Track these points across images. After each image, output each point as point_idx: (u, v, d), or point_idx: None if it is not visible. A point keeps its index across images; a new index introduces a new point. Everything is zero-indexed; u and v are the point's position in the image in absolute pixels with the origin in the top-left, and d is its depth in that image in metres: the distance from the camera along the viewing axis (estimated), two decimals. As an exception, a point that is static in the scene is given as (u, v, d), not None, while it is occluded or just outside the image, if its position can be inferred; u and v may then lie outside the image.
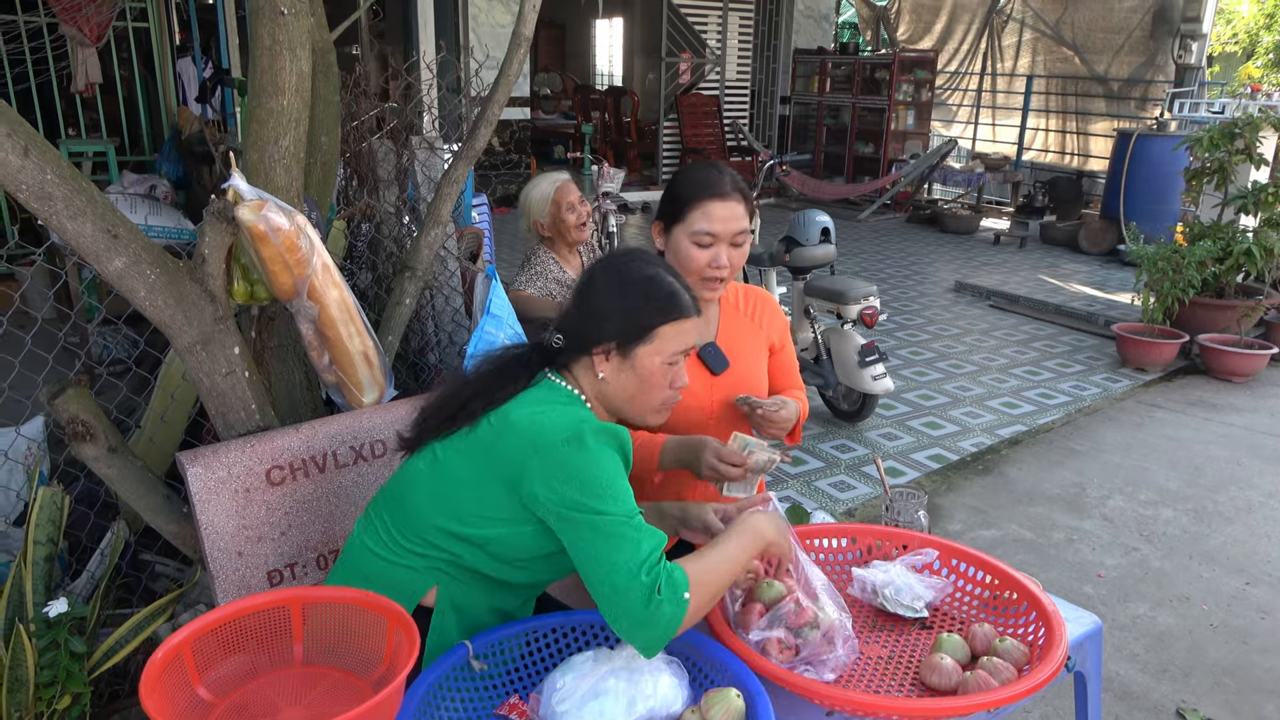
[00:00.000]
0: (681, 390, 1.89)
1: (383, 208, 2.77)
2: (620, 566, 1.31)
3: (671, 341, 1.51)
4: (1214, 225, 5.71)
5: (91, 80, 6.38)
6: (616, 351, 1.50)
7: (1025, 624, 1.60)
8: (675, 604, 1.31)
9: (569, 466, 1.35)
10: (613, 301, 1.51)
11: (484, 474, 1.43)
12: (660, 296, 1.51)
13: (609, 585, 1.31)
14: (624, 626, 1.32)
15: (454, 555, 1.46)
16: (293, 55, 1.85)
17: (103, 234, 1.65)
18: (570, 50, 16.31)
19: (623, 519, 1.35)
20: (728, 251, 1.84)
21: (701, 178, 1.85)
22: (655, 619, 1.30)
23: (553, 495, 1.35)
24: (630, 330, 1.49)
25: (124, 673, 2.18)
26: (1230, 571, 3.27)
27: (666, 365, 1.52)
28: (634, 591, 1.30)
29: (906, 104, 11.21)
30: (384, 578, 1.48)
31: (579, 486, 1.35)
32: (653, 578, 1.31)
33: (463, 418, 1.47)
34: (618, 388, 1.52)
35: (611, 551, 1.32)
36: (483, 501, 1.43)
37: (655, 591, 1.30)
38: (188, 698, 1.20)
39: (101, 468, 1.94)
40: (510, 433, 1.41)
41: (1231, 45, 11.82)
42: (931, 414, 4.77)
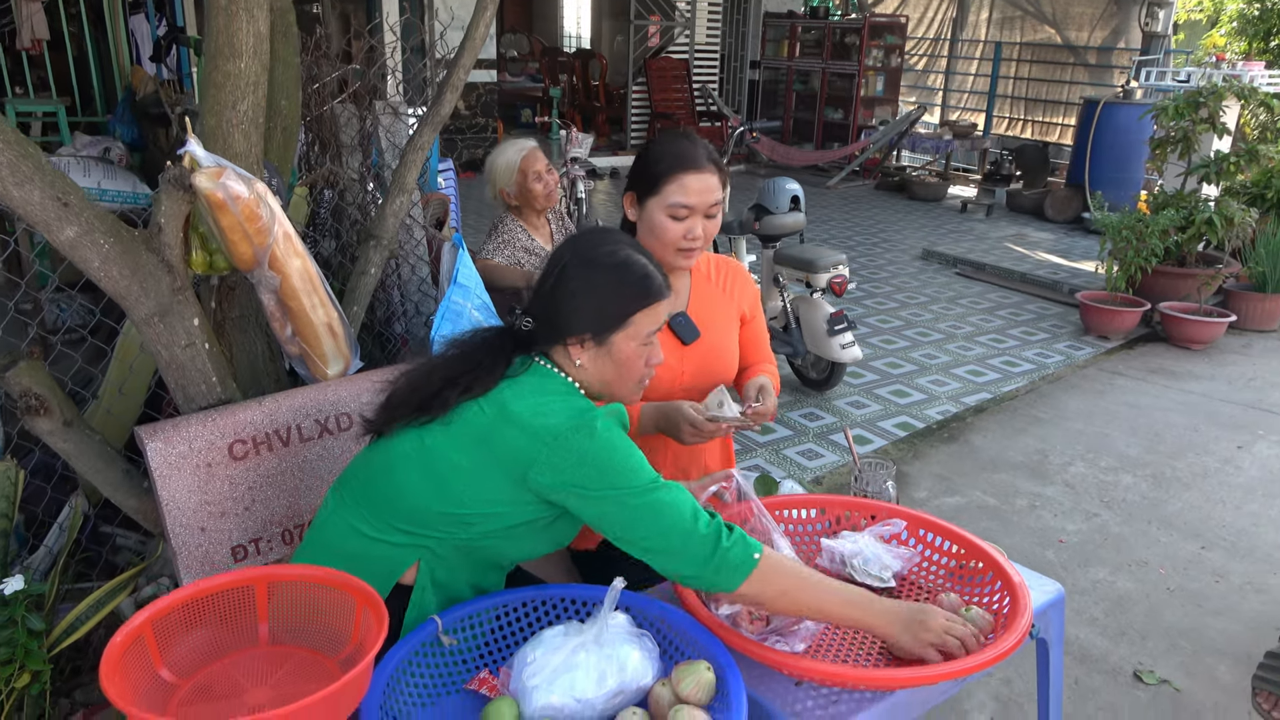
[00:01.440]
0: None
1: (346, 174, 2.71)
2: (677, 525, 1.36)
3: (646, 325, 1.51)
4: (1177, 194, 5.78)
5: (38, 36, 6.16)
6: (592, 340, 1.49)
7: (991, 593, 1.62)
8: (745, 553, 1.37)
9: (585, 456, 1.37)
10: (585, 292, 1.49)
11: (484, 463, 1.41)
12: (633, 283, 1.50)
13: (675, 543, 1.36)
14: (696, 569, 1.37)
15: (446, 534, 1.46)
16: (249, 16, 1.79)
17: (52, 201, 1.59)
18: (537, 12, 16.03)
19: (656, 488, 1.38)
20: (702, 223, 1.83)
21: (675, 149, 1.82)
22: (720, 560, 1.36)
23: (568, 481, 1.37)
24: (605, 320, 1.48)
25: (85, 648, 2.15)
26: (1187, 536, 3.35)
27: (642, 347, 1.52)
28: (705, 538, 1.36)
29: (876, 70, 11.17)
30: (363, 552, 1.46)
31: (600, 472, 1.37)
32: (713, 526, 1.38)
33: (436, 406, 1.45)
34: (596, 374, 1.52)
35: (661, 517, 1.36)
36: (481, 486, 1.42)
37: (725, 536, 1.37)
38: (149, 679, 1.18)
39: (57, 442, 1.89)
40: (510, 424, 1.40)
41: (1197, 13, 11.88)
42: (899, 382, 4.81)
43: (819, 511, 1.86)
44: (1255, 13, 10.42)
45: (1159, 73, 8.05)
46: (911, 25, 11.96)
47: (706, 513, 1.40)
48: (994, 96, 10.99)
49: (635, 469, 1.39)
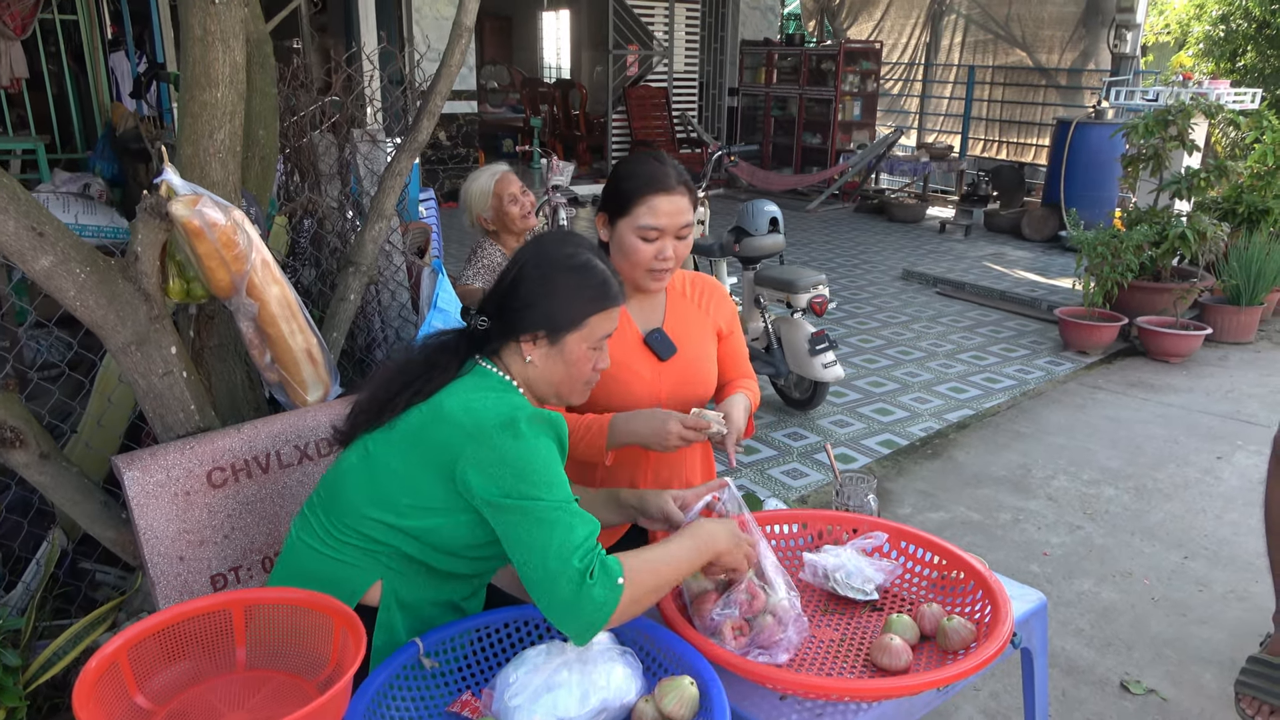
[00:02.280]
0: (629, 376, 1.89)
1: (325, 203, 2.71)
2: (553, 551, 1.30)
3: (599, 329, 1.53)
4: (1150, 210, 5.86)
5: (17, 75, 6.17)
6: (546, 338, 1.50)
7: (972, 603, 1.62)
8: (608, 589, 1.30)
9: (504, 453, 1.35)
10: (544, 290, 1.50)
11: (416, 463, 1.41)
12: (593, 285, 1.52)
13: (541, 570, 1.31)
14: (555, 612, 1.32)
15: (393, 547, 1.45)
16: (225, 46, 1.81)
17: (26, 231, 1.60)
18: (517, 43, 16.19)
19: (557, 505, 1.34)
20: (673, 244, 1.85)
21: (645, 171, 1.84)
22: (586, 603, 1.29)
23: (487, 482, 1.35)
24: (561, 319, 1.50)
25: (64, 685, 2.12)
26: (1169, 546, 3.37)
27: (592, 350, 1.53)
28: (565, 575, 1.29)
29: (853, 95, 11.32)
30: (324, 574, 1.45)
31: (514, 474, 1.34)
32: (586, 563, 1.31)
33: (389, 410, 1.46)
34: (545, 372, 1.53)
35: (544, 537, 1.31)
36: (416, 492, 1.41)
37: (588, 575, 1.30)
38: (125, 707, 1.16)
39: (33, 475, 1.87)
40: (442, 421, 1.40)
41: (1164, 35, 12.12)
42: (881, 400, 4.83)
43: (801, 526, 1.87)
44: (1221, 34, 10.66)
45: (1129, 92, 8.19)
46: (886, 51, 12.14)
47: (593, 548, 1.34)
48: (969, 119, 11.14)
49: (552, 481, 1.36)
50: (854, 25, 12.83)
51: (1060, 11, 10.50)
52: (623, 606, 1.32)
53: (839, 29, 12.87)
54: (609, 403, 1.91)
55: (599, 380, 1.89)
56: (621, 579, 1.32)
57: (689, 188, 1.86)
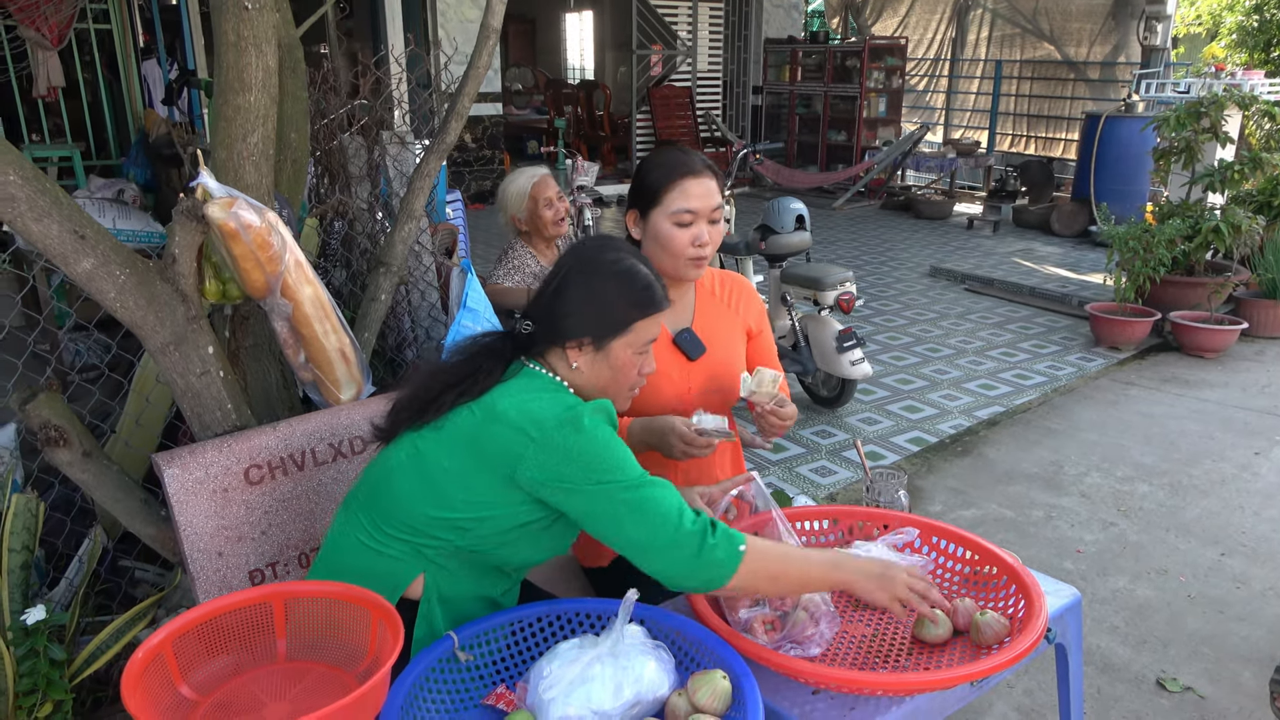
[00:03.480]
0: (657, 377, 1.90)
1: (355, 204, 2.75)
2: (660, 522, 1.36)
3: (645, 333, 1.54)
4: (1182, 204, 5.78)
5: (54, 84, 6.28)
6: (591, 344, 1.51)
7: (1005, 597, 1.61)
8: (729, 552, 1.37)
9: (570, 449, 1.38)
10: (588, 296, 1.51)
11: (472, 464, 1.43)
12: (637, 290, 1.53)
13: (657, 542, 1.37)
14: (676, 570, 1.37)
15: (444, 540, 1.46)
16: (258, 51, 1.84)
17: (69, 235, 1.63)
18: (541, 45, 16.24)
19: (642, 484, 1.39)
20: (708, 228, 1.85)
21: (671, 159, 1.86)
22: (708, 562, 1.36)
23: (557, 479, 1.38)
24: (607, 325, 1.51)
25: (106, 679, 2.16)
26: (1206, 543, 3.32)
27: (637, 355, 1.54)
28: (683, 538, 1.36)
29: (878, 91, 11.25)
30: (369, 567, 1.47)
31: (585, 466, 1.37)
32: (698, 524, 1.38)
33: (433, 410, 1.48)
34: (591, 378, 1.54)
35: (645, 513, 1.37)
36: (471, 489, 1.43)
37: (708, 534, 1.37)
38: (170, 696, 1.19)
39: (76, 473, 1.92)
40: (499, 423, 1.42)
41: (1196, 26, 11.94)
42: (910, 397, 4.80)
43: (832, 522, 1.87)
44: (1255, 24, 10.48)
45: (1159, 85, 8.08)
46: (911, 46, 12.06)
47: (693, 510, 1.41)
48: (996, 114, 11.04)
49: (622, 464, 1.40)
50: (878, 21, 12.75)
51: (1089, 4, 10.38)
52: (741, 574, 1.38)
53: (863, 25, 12.79)
54: (638, 401, 1.92)
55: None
56: (743, 547, 1.38)
57: (715, 173, 1.87)
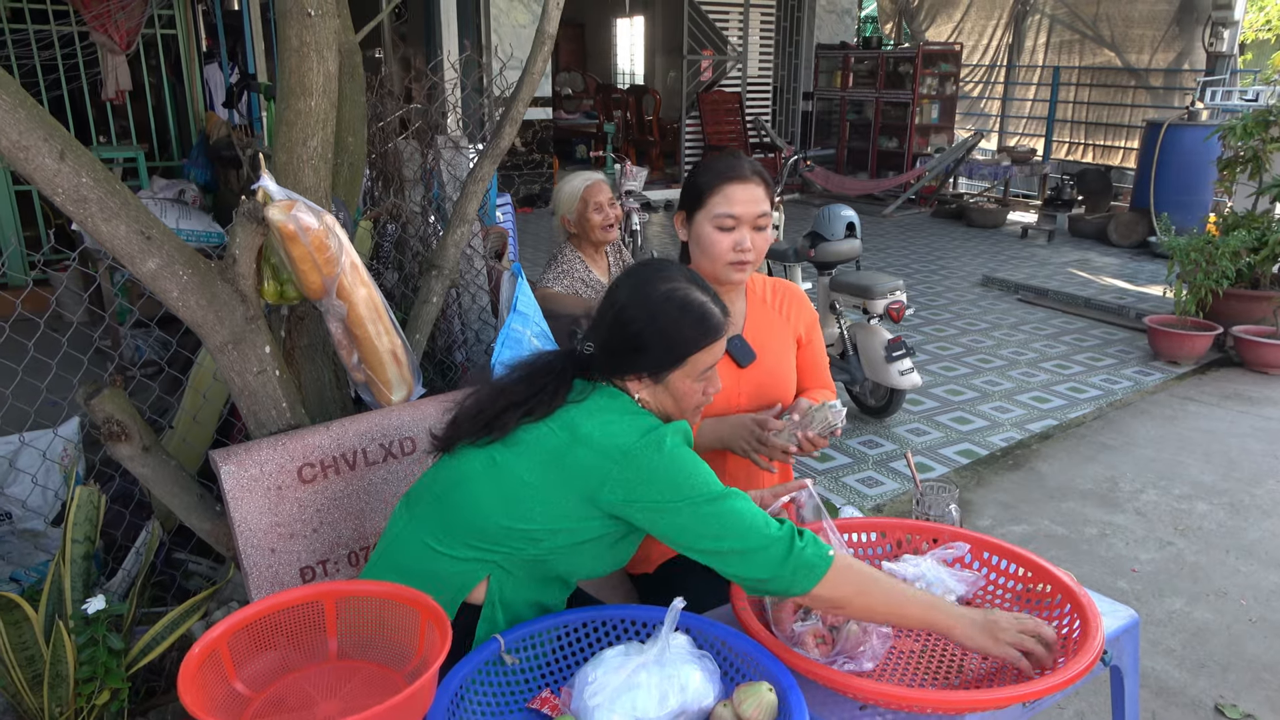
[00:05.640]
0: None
1: (409, 207, 2.79)
2: (748, 529, 1.39)
3: (703, 362, 1.53)
4: (1248, 215, 5.61)
5: (121, 87, 6.47)
6: (650, 378, 1.52)
7: (1059, 616, 1.58)
8: (819, 555, 1.39)
9: (656, 471, 1.39)
10: (641, 334, 1.50)
11: (554, 481, 1.44)
12: (690, 324, 1.51)
13: (744, 548, 1.38)
14: (770, 573, 1.39)
15: (514, 549, 1.47)
16: (320, 56, 1.87)
17: (136, 235, 1.68)
18: (591, 50, 16.32)
19: (723, 496, 1.41)
20: (751, 235, 1.84)
21: (720, 164, 1.87)
22: (799, 563, 1.38)
23: (639, 497, 1.40)
24: (662, 361, 1.51)
25: (160, 669, 2.21)
26: (1269, 565, 3.21)
27: (698, 382, 1.55)
28: (773, 543, 1.38)
29: (930, 98, 11.11)
30: (432, 569, 1.48)
31: (671, 484, 1.39)
32: (786, 528, 1.40)
33: (498, 427, 1.49)
34: (655, 405, 1.56)
35: (732, 523, 1.39)
36: (550, 504, 1.44)
37: (796, 537, 1.39)
38: (225, 691, 1.21)
39: (136, 467, 1.96)
40: (584, 445, 1.43)
41: (1265, 32, 11.61)
42: (960, 409, 4.73)
43: (880, 535, 1.84)
44: (1326, 29, 10.15)
45: (1225, 92, 7.86)
46: (966, 52, 11.89)
47: (776, 519, 1.42)
48: (1053, 121, 10.83)
49: (705, 480, 1.42)
50: (932, 27, 12.59)
51: (1152, 10, 10.13)
52: (830, 579, 1.39)
53: (917, 31, 12.65)
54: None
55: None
56: (831, 552, 1.40)
57: (764, 179, 1.86)
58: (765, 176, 1.87)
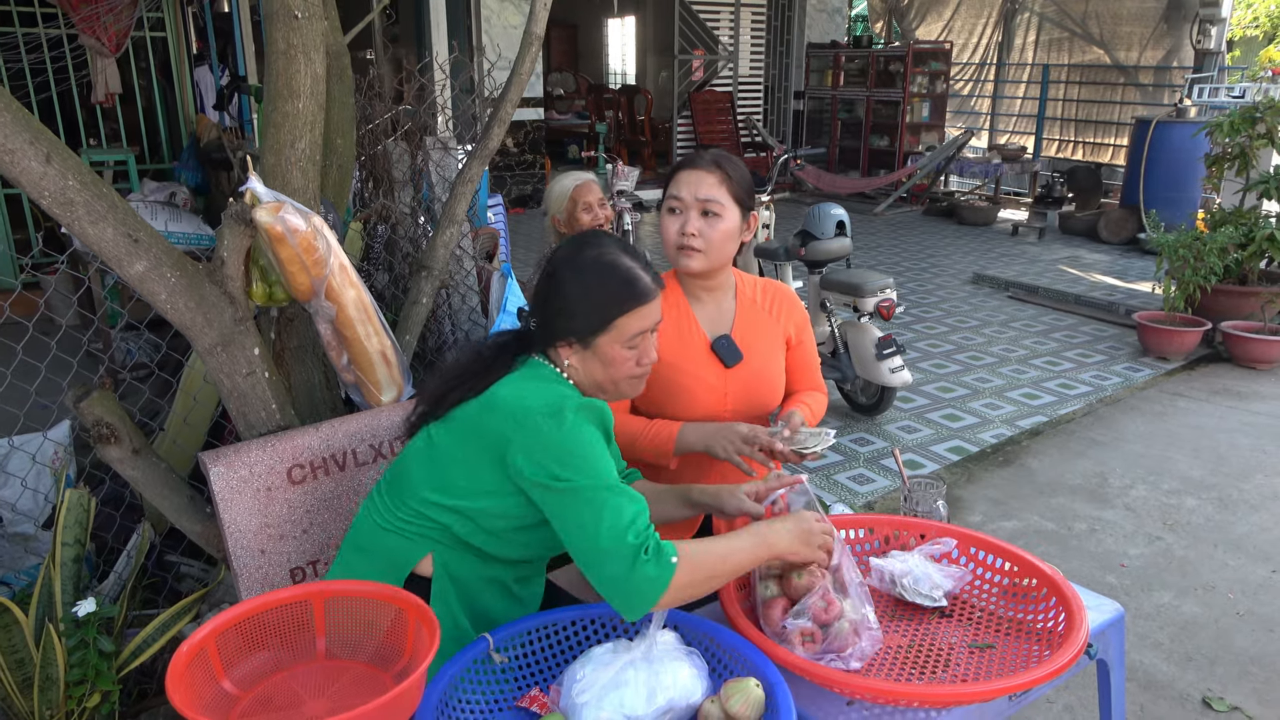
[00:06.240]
0: (694, 382, 1.90)
1: (398, 209, 2.79)
2: (604, 530, 1.34)
3: (629, 328, 1.52)
4: (1236, 211, 5.65)
5: (111, 90, 6.45)
6: (578, 343, 1.53)
7: (1045, 609, 1.59)
8: (661, 567, 1.33)
9: (548, 439, 1.39)
10: (569, 296, 1.53)
11: (473, 450, 1.47)
12: (615, 286, 1.52)
13: (594, 549, 1.35)
14: (608, 588, 1.35)
15: (445, 526, 1.51)
16: (307, 59, 1.87)
17: (123, 238, 1.68)
18: (583, 50, 16.33)
19: (602, 487, 1.38)
20: (698, 220, 1.86)
21: (686, 158, 1.92)
22: (639, 579, 1.32)
23: (535, 467, 1.39)
24: (588, 324, 1.52)
25: (151, 672, 2.21)
26: (1256, 559, 3.24)
27: (628, 349, 1.54)
28: (619, 552, 1.33)
29: (921, 96, 11.14)
30: (382, 545, 1.54)
31: (558, 460, 1.38)
32: (639, 540, 1.34)
33: (445, 404, 1.53)
34: (585, 374, 1.56)
35: (594, 517, 1.35)
36: (472, 475, 1.47)
37: (642, 552, 1.33)
38: (213, 690, 1.22)
39: (126, 469, 1.97)
40: (495, 409, 1.46)
41: (1252, 29, 11.65)
42: (950, 406, 4.75)
43: (868, 531, 1.86)
44: (1314, 26, 10.21)
45: (1213, 89, 7.90)
46: (956, 51, 11.92)
47: (645, 527, 1.37)
48: (1043, 119, 10.87)
49: (594, 465, 1.39)
50: (922, 25, 12.62)
51: (1140, 7, 10.18)
52: (674, 587, 1.34)
53: (907, 30, 12.68)
54: (674, 407, 1.92)
55: (666, 384, 1.91)
56: (675, 558, 1.35)
57: (722, 169, 1.87)
58: (726, 168, 1.88)
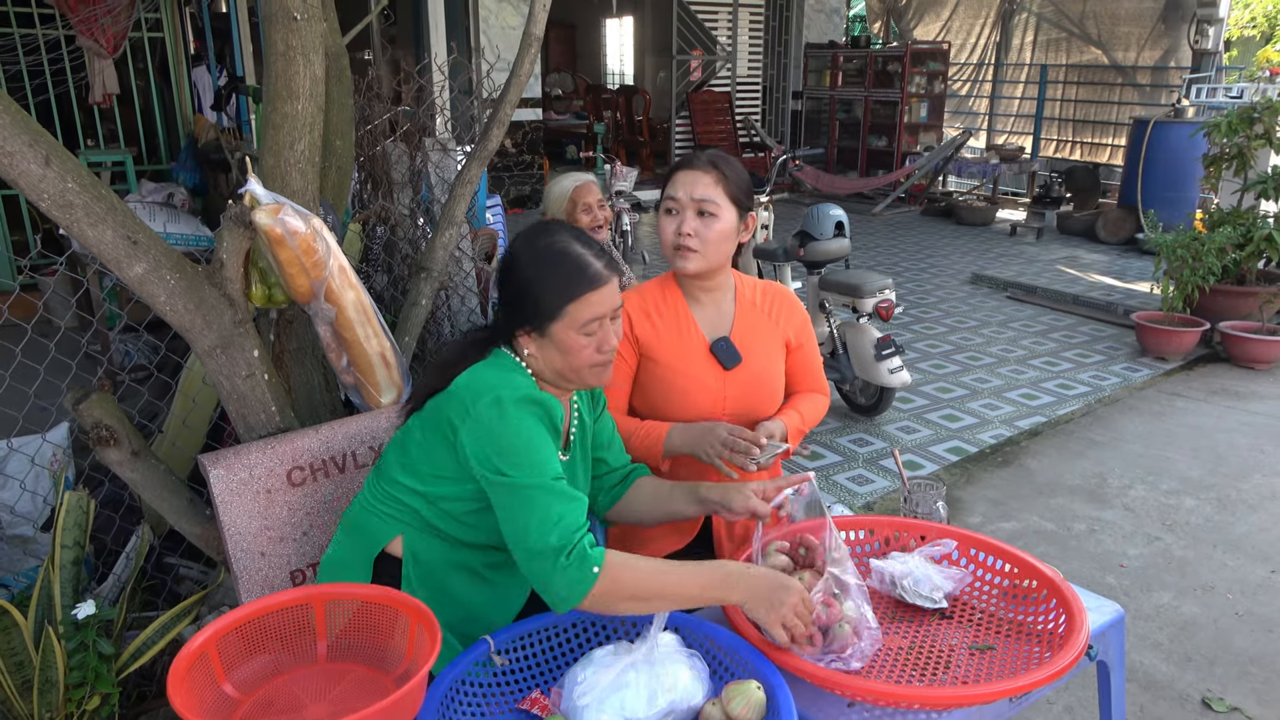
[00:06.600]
0: (692, 384, 1.90)
1: (397, 210, 2.79)
2: (532, 527, 1.36)
3: (581, 314, 1.53)
4: (1234, 211, 5.65)
5: (109, 91, 6.44)
6: (535, 331, 1.55)
7: (1045, 612, 1.59)
8: (582, 573, 1.35)
9: (489, 427, 1.42)
10: (524, 283, 1.55)
11: (431, 434, 1.52)
12: (565, 273, 1.53)
13: (522, 546, 1.38)
14: (534, 582, 1.39)
15: (412, 509, 1.56)
16: (306, 60, 1.87)
17: (123, 240, 1.68)
18: (581, 50, 16.33)
19: (536, 484, 1.39)
20: (694, 220, 1.86)
21: (683, 159, 1.93)
22: (559, 581, 1.35)
23: (478, 455, 1.43)
24: (541, 312, 1.53)
25: (150, 674, 2.21)
26: (1255, 559, 3.24)
27: (584, 336, 1.54)
28: (542, 552, 1.35)
29: (919, 97, 11.14)
30: (362, 524, 1.61)
31: (498, 451, 1.41)
32: (563, 541, 1.36)
33: (424, 392, 1.59)
34: (545, 362, 1.58)
35: (524, 514, 1.37)
36: (431, 460, 1.52)
37: (564, 554, 1.35)
38: (214, 694, 1.22)
39: (125, 472, 1.96)
40: (451, 395, 1.50)
41: (1250, 29, 11.67)
42: (949, 406, 4.75)
43: (868, 533, 1.86)
44: (1311, 26, 10.22)
45: (1210, 89, 7.91)
46: (954, 51, 11.93)
47: (574, 526, 1.38)
48: (1041, 119, 10.88)
49: (530, 459, 1.40)
50: (920, 25, 12.63)
51: (1138, 7, 10.19)
52: (595, 595, 1.36)
53: (905, 30, 12.68)
54: (672, 409, 1.92)
55: (664, 386, 1.91)
56: (598, 569, 1.36)
57: (719, 169, 1.87)
58: (723, 169, 1.88)
